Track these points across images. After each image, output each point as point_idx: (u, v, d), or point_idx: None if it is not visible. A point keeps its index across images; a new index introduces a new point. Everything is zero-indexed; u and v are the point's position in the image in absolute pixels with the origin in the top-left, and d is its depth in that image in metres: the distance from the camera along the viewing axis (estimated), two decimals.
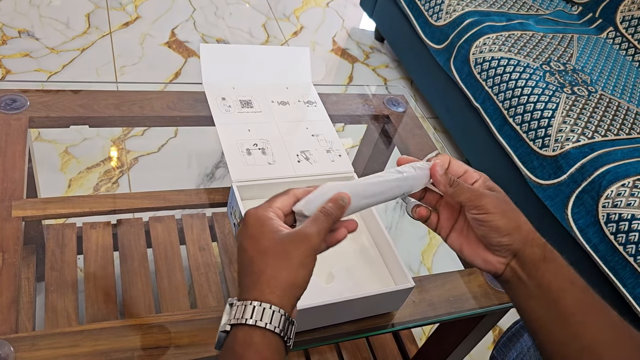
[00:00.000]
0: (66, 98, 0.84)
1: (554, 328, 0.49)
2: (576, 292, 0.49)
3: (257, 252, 0.46)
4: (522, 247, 0.51)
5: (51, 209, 0.72)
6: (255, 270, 0.45)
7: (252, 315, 0.43)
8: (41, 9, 1.92)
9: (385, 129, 1.04)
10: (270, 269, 0.44)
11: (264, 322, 0.43)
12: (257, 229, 0.47)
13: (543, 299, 0.50)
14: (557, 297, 0.49)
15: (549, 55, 1.59)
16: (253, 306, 0.43)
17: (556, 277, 0.50)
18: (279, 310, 0.43)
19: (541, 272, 0.50)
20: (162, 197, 0.77)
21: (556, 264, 0.51)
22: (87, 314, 0.95)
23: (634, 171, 1.24)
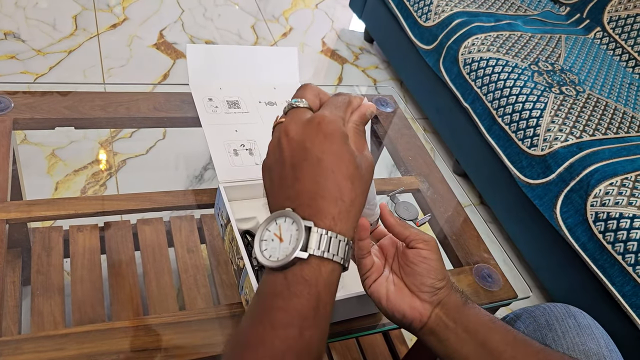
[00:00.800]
0: (51, 99, 0.83)
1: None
2: (500, 330, 0.51)
3: (346, 177, 0.40)
4: (448, 292, 0.52)
5: (36, 212, 0.71)
6: (345, 199, 0.40)
7: (338, 251, 0.39)
8: (27, 10, 1.90)
9: (374, 129, 1.04)
10: (359, 198, 0.41)
11: (346, 260, 0.40)
12: (341, 149, 0.41)
13: (472, 342, 0.50)
14: (485, 339, 0.50)
15: (537, 56, 1.60)
16: (339, 241, 0.40)
17: (479, 319, 0.51)
18: (344, 239, 0.41)
19: (465, 317, 0.51)
20: (149, 198, 0.76)
21: (475, 307, 0.52)
22: (74, 317, 0.94)
23: (622, 170, 1.25)
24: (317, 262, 0.39)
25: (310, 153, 0.40)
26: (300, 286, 0.39)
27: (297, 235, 0.39)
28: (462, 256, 0.83)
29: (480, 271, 0.80)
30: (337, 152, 0.41)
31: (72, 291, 0.96)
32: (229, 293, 1.02)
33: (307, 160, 0.40)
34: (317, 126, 0.41)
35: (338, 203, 0.40)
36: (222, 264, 1.07)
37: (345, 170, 0.40)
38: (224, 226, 0.71)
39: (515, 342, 0.51)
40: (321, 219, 0.40)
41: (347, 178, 0.40)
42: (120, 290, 0.99)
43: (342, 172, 0.40)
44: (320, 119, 0.41)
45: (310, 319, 0.39)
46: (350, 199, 0.40)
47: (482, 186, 1.64)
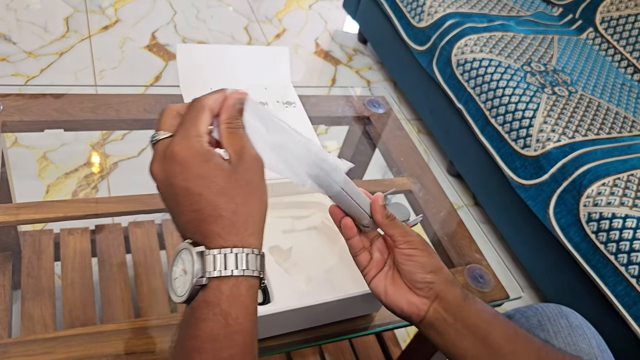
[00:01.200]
0: (41, 102, 0.83)
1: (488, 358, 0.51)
2: (501, 325, 0.51)
3: (217, 193, 0.39)
4: (444, 287, 0.52)
5: (25, 214, 0.70)
6: (224, 213, 0.39)
7: (238, 264, 0.39)
8: (18, 12, 1.89)
9: (367, 130, 1.04)
10: (242, 207, 0.40)
11: (251, 270, 0.39)
12: (202, 168, 0.40)
13: (472, 337, 0.51)
14: (485, 334, 0.50)
15: (530, 56, 1.61)
16: (235, 254, 0.39)
17: (479, 314, 0.52)
18: (260, 252, 0.40)
19: (465, 312, 0.51)
20: (141, 200, 0.76)
21: (476, 302, 0.53)
22: (65, 321, 0.93)
23: (614, 170, 1.25)
24: (215, 283, 0.39)
25: (176, 187, 0.40)
26: (204, 310, 0.39)
27: (193, 263, 0.39)
28: (454, 257, 0.83)
29: (472, 272, 0.80)
30: (198, 174, 0.40)
31: (63, 295, 0.96)
32: None
33: (178, 194, 0.40)
34: (172, 159, 0.40)
35: (218, 221, 0.39)
36: None
37: (214, 187, 0.39)
38: None
39: (516, 337, 0.51)
40: (210, 240, 0.39)
41: (217, 194, 0.39)
42: (112, 293, 0.98)
43: (211, 190, 0.39)
44: (171, 151, 0.40)
45: (220, 339, 0.38)
46: (230, 212, 0.40)
47: (475, 187, 1.65)
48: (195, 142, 0.40)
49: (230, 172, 0.40)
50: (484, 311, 0.52)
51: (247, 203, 0.40)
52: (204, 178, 0.39)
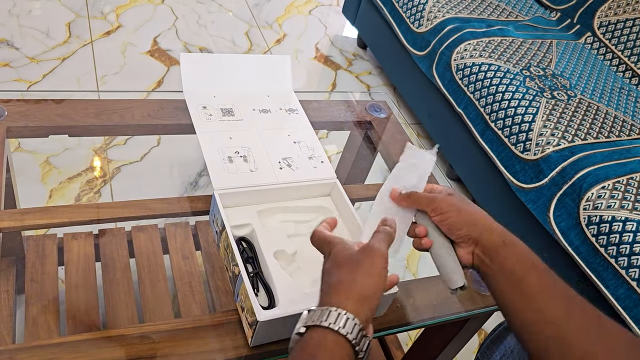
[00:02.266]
0: (45, 108, 0.83)
1: (520, 308, 0.53)
2: (538, 274, 0.53)
3: (334, 265, 0.51)
4: (480, 235, 0.56)
5: (29, 220, 0.71)
6: (333, 281, 0.49)
7: (327, 318, 0.45)
8: (21, 18, 1.90)
9: (368, 135, 1.04)
10: (346, 278, 0.49)
11: (337, 326, 0.45)
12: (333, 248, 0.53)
13: (507, 281, 0.54)
14: (520, 278, 0.53)
15: (529, 61, 1.62)
16: (329, 311, 0.46)
17: (517, 260, 0.54)
18: (353, 318, 0.46)
19: (502, 256, 0.55)
20: (144, 205, 0.76)
21: (516, 248, 0.55)
22: (69, 326, 0.93)
23: (614, 173, 1.26)
24: (309, 332, 0.46)
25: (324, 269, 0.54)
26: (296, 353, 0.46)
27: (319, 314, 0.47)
28: None
29: (475, 275, 0.80)
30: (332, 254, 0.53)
31: (67, 299, 0.96)
32: (225, 299, 1.02)
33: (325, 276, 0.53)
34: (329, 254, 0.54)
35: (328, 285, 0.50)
36: (217, 271, 1.07)
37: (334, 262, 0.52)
38: (219, 233, 0.71)
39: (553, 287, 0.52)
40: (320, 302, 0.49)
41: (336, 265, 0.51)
42: (115, 298, 0.99)
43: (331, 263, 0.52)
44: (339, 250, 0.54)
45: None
46: (337, 279, 0.49)
47: (475, 191, 1.65)
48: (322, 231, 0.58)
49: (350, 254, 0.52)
50: (524, 256, 0.54)
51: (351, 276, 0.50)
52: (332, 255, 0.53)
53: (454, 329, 0.87)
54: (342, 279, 0.49)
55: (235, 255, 0.65)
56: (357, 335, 0.46)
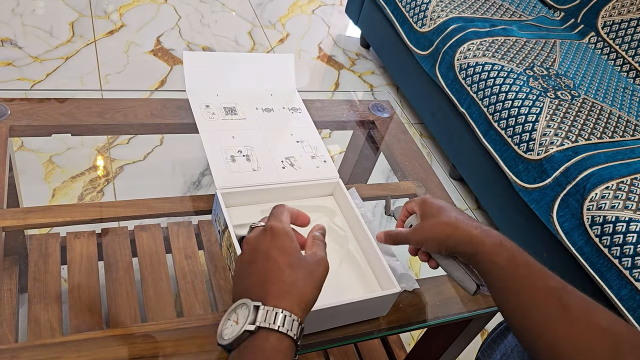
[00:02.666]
0: (48, 106, 0.83)
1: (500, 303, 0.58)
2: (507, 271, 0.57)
3: (287, 264, 0.49)
4: (454, 250, 0.62)
5: (32, 219, 0.71)
6: (287, 281, 0.48)
7: (284, 324, 0.46)
8: (24, 17, 1.90)
9: (371, 134, 1.04)
10: (300, 283, 0.49)
11: (293, 333, 0.46)
12: (286, 244, 0.51)
13: (489, 283, 0.59)
14: (492, 281, 0.58)
15: (532, 60, 1.61)
16: (284, 315, 0.46)
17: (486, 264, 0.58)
18: (302, 325, 0.47)
19: (478, 264, 0.59)
20: (147, 205, 0.76)
21: (483, 254, 0.58)
22: (71, 325, 0.93)
23: (617, 174, 1.26)
24: (264, 333, 0.46)
25: (260, 251, 0.51)
26: (250, 354, 0.46)
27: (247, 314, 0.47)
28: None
29: None
30: (280, 246, 0.51)
31: (70, 298, 0.96)
32: (227, 299, 1.02)
33: (259, 257, 0.51)
34: (267, 231, 0.52)
35: (280, 284, 0.48)
36: (219, 270, 1.07)
37: (287, 258, 0.50)
38: (222, 232, 0.71)
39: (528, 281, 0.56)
40: (268, 299, 0.47)
41: (287, 265, 0.49)
42: (118, 297, 0.99)
43: (284, 260, 0.50)
44: (269, 226, 0.53)
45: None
46: (291, 281, 0.48)
47: (478, 190, 1.65)
48: (286, 224, 0.54)
49: (303, 259, 0.51)
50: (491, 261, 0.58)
51: (305, 284, 0.49)
52: (284, 250, 0.51)
53: (456, 329, 0.87)
54: (296, 284, 0.49)
55: (237, 255, 0.65)
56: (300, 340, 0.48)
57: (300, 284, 0.49)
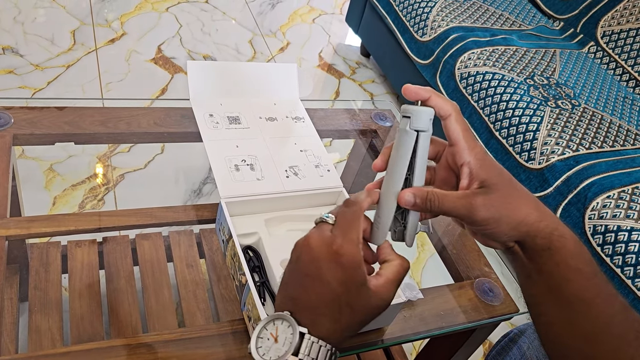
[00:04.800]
0: (51, 115, 0.83)
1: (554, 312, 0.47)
2: (581, 280, 0.45)
3: (347, 304, 0.44)
4: (524, 239, 0.46)
5: (35, 228, 0.70)
6: (343, 322, 0.44)
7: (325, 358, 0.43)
8: (26, 25, 1.91)
9: (373, 143, 1.04)
10: (355, 325, 0.45)
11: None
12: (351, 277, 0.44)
13: (543, 284, 0.47)
14: (559, 285, 0.46)
15: (533, 70, 1.62)
16: (327, 350, 0.43)
17: (560, 266, 0.46)
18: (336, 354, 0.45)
19: (543, 260, 0.46)
20: (149, 214, 0.76)
21: (563, 252, 0.45)
22: (72, 334, 0.93)
23: (619, 183, 1.26)
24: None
25: (322, 272, 0.44)
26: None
27: (291, 339, 0.43)
28: (462, 270, 0.83)
29: (482, 285, 0.80)
30: (346, 281, 0.44)
31: (70, 307, 0.96)
32: (230, 308, 1.02)
33: (318, 278, 0.44)
34: (335, 254, 0.44)
35: (334, 324, 0.44)
36: (221, 279, 1.07)
37: (349, 298, 0.44)
38: (226, 242, 0.71)
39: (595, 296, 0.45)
40: (316, 328, 0.44)
41: (348, 305, 0.44)
42: (119, 306, 0.98)
43: (346, 298, 0.44)
44: (338, 248, 0.44)
45: None
46: (347, 324, 0.44)
47: None
48: (357, 250, 0.44)
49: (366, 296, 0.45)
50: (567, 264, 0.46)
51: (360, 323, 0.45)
52: (347, 288, 0.44)
53: (459, 339, 0.86)
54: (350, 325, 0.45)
55: (242, 265, 0.64)
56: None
57: (355, 326, 0.45)
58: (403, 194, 0.47)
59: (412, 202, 0.46)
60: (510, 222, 0.45)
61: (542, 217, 0.46)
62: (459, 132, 0.47)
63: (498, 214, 0.45)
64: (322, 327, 0.44)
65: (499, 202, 0.45)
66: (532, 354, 0.75)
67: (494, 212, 0.45)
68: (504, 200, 0.45)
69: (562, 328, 0.46)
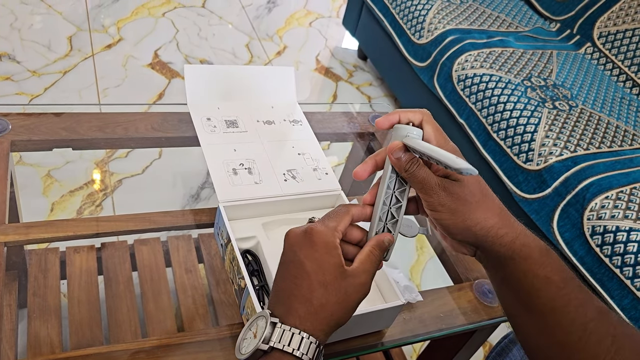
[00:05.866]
0: (49, 121, 0.83)
1: (528, 322, 0.47)
2: (550, 289, 0.46)
3: (320, 283, 0.45)
4: (482, 244, 0.48)
5: (34, 234, 0.70)
6: (315, 302, 0.44)
7: (300, 346, 0.43)
8: (22, 32, 1.91)
9: (371, 146, 1.04)
10: (330, 307, 0.45)
11: (308, 357, 0.43)
12: (324, 256, 0.45)
13: (513, 294, 0.48)
14: (529, 295, 0.47)
15: (530, 71, 1.62)
16: (302, 337, 0.43)
17: (527, 275, 0.46)
18: (322, 349, 0.44)
19: (510, 270, 0.47)
20: (147, 219, 0.76)
21: (529, 262, 0.47)
22: (71, 340, 0.92)
23: (617, 183, 1.26)
24: (278, 354, 0.43)
25: (295, 256, 0.46)
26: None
27: (264, 330, 0.44)
28: (462, 272, 0.83)
29: (481, 287, 0.80)
30: (318, 259, 0.45)
31: (69, 313, 0.95)
32: (229, 312, 1.01)
33: (293, 262, 0.46)
34: (307, 235, 0.46)
35: (306, 304, 0.44)
36: (220, 284, 1.06)
37: (322, 276, 0.45)
38: (224, 246, 0.71)
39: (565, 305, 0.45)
40: (289, 317, 0.44)
41: (320, 284, 0.44)
42: (118, 312, 0.98)
43: (318, 277, 0.44)
44: (310, 230, 0.47)
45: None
46: (319, 303, 0.44)
47: None
48: (330, 233, 0.47)
49: (340, 276, 0.45)
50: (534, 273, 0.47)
51: (335, 307, 0.45)
52: (320, 265, 0.45)
53: (459, 341, 0.86)
54: (325, 306, 0.44)
55: (241, 268, 0.64)
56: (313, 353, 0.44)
57: (330, 307, 0.45)
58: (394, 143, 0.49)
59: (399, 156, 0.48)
60: (465, 220, 0.47)
61: (503, 224, 0.47)
62: (430, 132, 0.51)
63: (455, 205, 0.47)
64: (295, 313, 0.44)
65: (461, 196, 0.47)
66: None
67: (452, 202, 0.47)
68: (466, 197, 0.47)
69: (538, 338, 0.47)
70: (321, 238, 0.46)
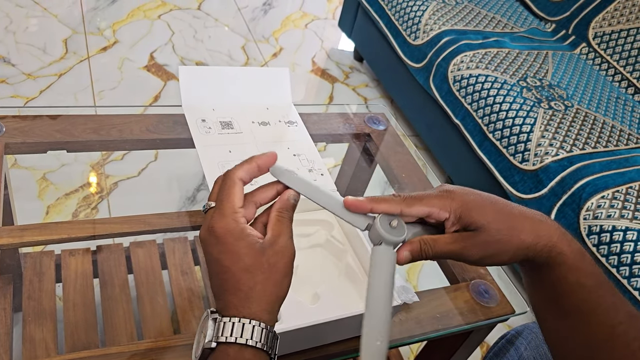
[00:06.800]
0: (43, 123, 0.83)
1: (555, 320, 0.48)
2: (582, 293, 0.46)
3: (242, 269, 0.44)
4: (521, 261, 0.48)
5: (28, 236, 0.70)
6: (243, 288, 0.44)
7: (242, 333, 0.42)
8: (17, 35, 1.90)
9: (367, 147, 1.04)
10: (259, 285, 0.44)
11: (254, 341, 0.42)
12: (234, 244, 0.44)
13: (544, 295, 0.48)
14: (559, 297, 0.47)
15: (525, 72, 1.62)
16: (242, 324, 0.42)
17: (560, 281, 0.47)
18: (268, 327, 0.43)
19: (543, 274, 0.47)
20: (143, 221, 0.76)
21: (562, 268, 0.47)
22: (67, 344, 0.92)
23: (613, 183, 1.26)
24: (223, 347, 0.42)
25: (212, 256, 0.45)
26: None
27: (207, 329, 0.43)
28: (458, 272, 0.83)
29: (477, 287, 0.80)
30: (230, 250, 0.44)
31: (65, 317, 0.95)
32: None
33: (211, 262, 0.45)
34: (211, 232, 0.45)
35: (237, 293, 0.44)
36: None
37: (241, 264, 0.44)
38: None
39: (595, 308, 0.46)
40: (227, 310, 0.44)
41: (242, 270, 0.44)
42: (114, 315, 0.98)
43: (238, 266, 0.44)
44: (211, 225, 0.45)
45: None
46: (248, 287, 0.44)
47: None
48: (230, 220, 0.45)
49: (258, 252, 0.44)
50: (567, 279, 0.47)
51: (264, 283, 0.44)
52: (234, 254, 0.44)
53: (456, 341, 0.86)
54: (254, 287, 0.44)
55: None
56: (272, 343, 0.44)
57: (260, 286, 0.44)
58: (400, 254, 0.48)
59: (410, 258, 0.47)
60: (507, 253, 0.46)
61: (538, 238, 0.46)
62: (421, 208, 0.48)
63: (491, 250, 0.46)
64: (230, 305, 0.44)
65: (490, 240, 0.46)
66: (529, 355, 0.75)
67: (487, 250, 0.46)
68: (494, 237, 0.46)
69: (563, 336, 0.47)
70: (223, 229, 0.45)
